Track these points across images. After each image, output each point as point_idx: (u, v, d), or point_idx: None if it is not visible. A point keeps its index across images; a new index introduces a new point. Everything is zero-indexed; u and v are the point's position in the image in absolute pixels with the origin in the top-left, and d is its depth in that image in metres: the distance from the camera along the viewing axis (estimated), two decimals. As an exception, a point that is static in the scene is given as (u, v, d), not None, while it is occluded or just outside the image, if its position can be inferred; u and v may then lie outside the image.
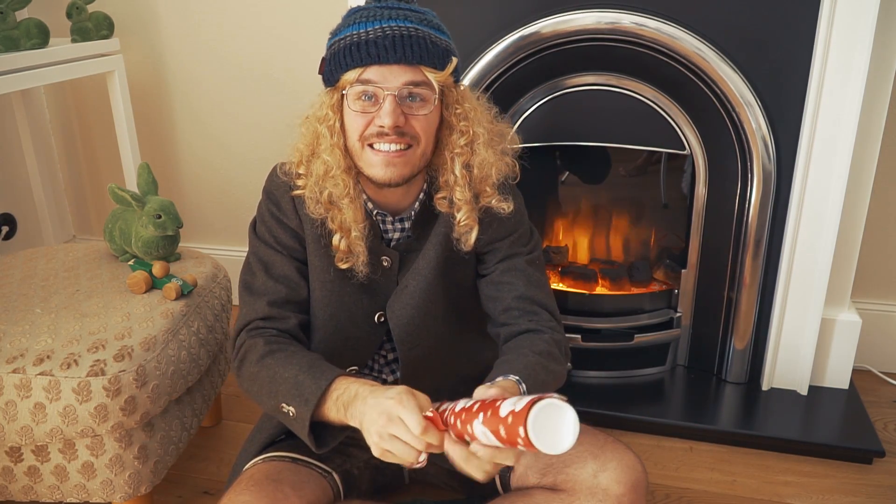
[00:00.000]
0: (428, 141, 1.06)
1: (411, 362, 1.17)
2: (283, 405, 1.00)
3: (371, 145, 1.04)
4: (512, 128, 1.17)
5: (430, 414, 0.86)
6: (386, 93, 1.00)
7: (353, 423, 0.94)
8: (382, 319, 1.16)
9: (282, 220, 1.13)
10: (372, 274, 1.12)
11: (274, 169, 1.14)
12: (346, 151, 1.07)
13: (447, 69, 1.03)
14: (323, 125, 1.06)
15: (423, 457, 0.87)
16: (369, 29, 1.00)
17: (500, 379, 0.96)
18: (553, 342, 1.10)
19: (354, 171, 1.08)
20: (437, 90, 1.03)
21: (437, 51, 1.02)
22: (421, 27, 1.01)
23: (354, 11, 1.05)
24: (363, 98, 1.02)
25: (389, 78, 1.00)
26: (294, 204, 1.12)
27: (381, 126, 1.01)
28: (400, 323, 1.15)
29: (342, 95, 1.04)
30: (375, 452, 0.89)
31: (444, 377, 1.17)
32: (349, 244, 1.09)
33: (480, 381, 0.96)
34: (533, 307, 1.14)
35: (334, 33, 1.06)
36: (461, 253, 1.13)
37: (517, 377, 0.96)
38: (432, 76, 1.02)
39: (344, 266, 1.10)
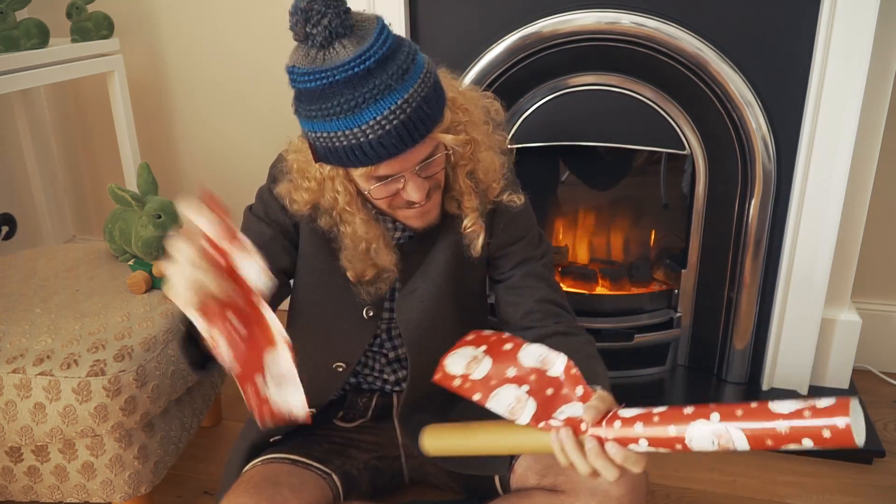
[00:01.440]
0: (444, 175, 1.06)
1: (420, 364, 1.16)
2: (181, 324, 0.92)
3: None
4: (494, 99, 1.13)
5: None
6: (405, 175, 0.97)
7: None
8: (371, 314, 1.15)
9: (280, 200, 1.08)
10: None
11: (280, 156, 1.11)
12: (368, 203, 1.04)
13: (445, 118, 0.96)
14: (341, 199, 1.02)
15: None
16: (363, 126, 0.88)
17: (598, 388, 0.87)
18: (592, 343, 1.12)
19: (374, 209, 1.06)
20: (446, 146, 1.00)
21: (431, 99, 0.92)
22: (408, 88, 0.89)
23: (325, 90, 0.87)
24: (380, 184, 0.98)
25: (405, 164, 0.95)
26: None
27: (410, 200, 0.99)
28: (409, 326, 1.14)
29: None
30: (172, 294, 0.72)
31: None
32: (377, 272, 1.08)
33: None
34: (556, 309, 1.14)
35: (313, 118, 0.91)
36: (471, 258, 1.12)
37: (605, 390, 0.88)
38: (443, 138, 0.96)
39: (353, 277, 1.09)
